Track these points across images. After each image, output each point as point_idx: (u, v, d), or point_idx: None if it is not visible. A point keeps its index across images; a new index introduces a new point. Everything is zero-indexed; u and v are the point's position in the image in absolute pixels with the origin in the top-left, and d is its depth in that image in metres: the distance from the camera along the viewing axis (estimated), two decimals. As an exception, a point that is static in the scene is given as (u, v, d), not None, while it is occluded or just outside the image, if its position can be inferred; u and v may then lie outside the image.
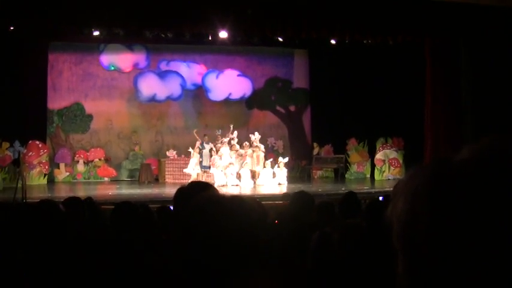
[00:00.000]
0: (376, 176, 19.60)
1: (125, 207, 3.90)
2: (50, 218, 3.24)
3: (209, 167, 17.54)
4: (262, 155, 17.66)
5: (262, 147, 17.96)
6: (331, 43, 18.31)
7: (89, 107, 19.99)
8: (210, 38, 17.65)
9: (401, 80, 18.31)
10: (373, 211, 4.69)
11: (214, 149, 17.66)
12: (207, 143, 17.89)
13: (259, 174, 17.51)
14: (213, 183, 15.96)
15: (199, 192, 2.44)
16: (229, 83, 20.67)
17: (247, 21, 15.22)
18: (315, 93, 21.43)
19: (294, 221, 4.94)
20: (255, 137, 17.99)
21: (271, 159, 18.06)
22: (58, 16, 14.27)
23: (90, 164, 19.84)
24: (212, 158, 17.53)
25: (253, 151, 17.67)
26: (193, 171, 17.32)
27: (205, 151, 17.71)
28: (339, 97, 19.95)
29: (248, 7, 14.87)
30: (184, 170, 17.63)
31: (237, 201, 1.77)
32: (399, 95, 18.42)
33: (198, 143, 17.78)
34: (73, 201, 4.53)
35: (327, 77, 20.34)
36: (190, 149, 17.69)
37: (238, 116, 20.94)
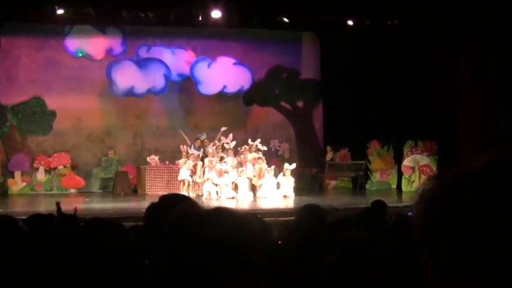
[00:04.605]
0: (404, 187, 19.56)
1: (96, 225, 3.86)
2: (7, 237, 3.22)
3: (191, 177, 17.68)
4: (265, 167, 17.65)
5: (264, 158, 17.96)
6: (347, 24, 18.28)
7: (52, 102, 19.97)
8: (200, 19, 17.63)
9: (433, 72, 18.27)
10: (401, 229, 4.68)
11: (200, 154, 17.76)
12: (197, 149, 17.90)
13: (260, 187, 17.49)
14: (201, 196, 16.11)
15: (171, 208, 2.42)
16: (223, 74, 20.64)
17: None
18: (327, 86, 21.40)
19: (301, 241, 4.92)
20: (259, 146, 17.94)
21: (275, 166, 18.05)
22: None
23: (52, 172, 19.80)
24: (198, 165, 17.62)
25: (255, 160, 17.65)
26: (188, 177, 17.48)
27: (194, 157, 17.75)
28: (357, 91, 19.92)
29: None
30: (179, 178, 17.71)
31: (227, 214, 1.72)
32: (431, 90, 18.38)
33: (185, 147, 17.85)
34: (37, 218, 4.52)
35: (342, 66, 20.29)
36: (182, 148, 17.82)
37: (234, 113, 20.93)
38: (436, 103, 18.23)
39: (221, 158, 17.77)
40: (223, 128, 18.43)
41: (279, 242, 5.06)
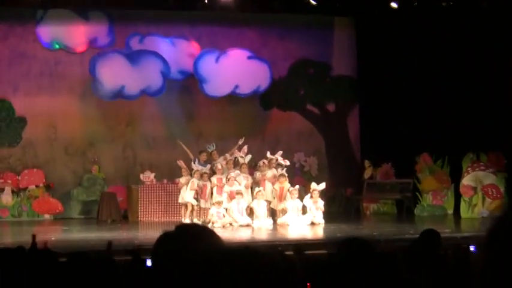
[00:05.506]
0: (463, 213, 19.44)
1: (78, 261, 3.92)
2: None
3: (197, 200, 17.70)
4: (287, 186, 17.55)
5: (287, 176, 17.94)
6: (390, 7, 18.29)
7: (21, 105, 20.06)
8: (205, 1, 17.69)
9: (500, 65, 18.21)
10: (460, 265, 4.69)
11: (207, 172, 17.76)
12: (204, 164, 17.85)
13: (282, 211, 17.44)
14: (208, 223, 16.13)
15: (191, 242, 2.45)
16: (235, 70, 20.67)
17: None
18: (365, 85, 21.42)
19: (340, 285, 4.95)
20: (280, 160, 17.91)
21: (300, 186, 18.03)
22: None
23: (22, 193, 19.85)
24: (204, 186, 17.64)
25: (275, 177, 17.59)
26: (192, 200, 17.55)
27: (200, 174, 17.75)
28: (402, 91, 19.90)
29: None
30: (180, 201, 17.82)
31: (249, 256, 1.77)
32: (497, 88, 18.31)
33: (183, 163, 17.89)
34: (2, 252, 4.56)
35: (383, 59, 20.31)
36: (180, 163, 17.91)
37: (249, 120, 20.96)
38: (504, 104, 18.13)
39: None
40: (241, 141, 18.20)
41: (308, 284, 5.06)
